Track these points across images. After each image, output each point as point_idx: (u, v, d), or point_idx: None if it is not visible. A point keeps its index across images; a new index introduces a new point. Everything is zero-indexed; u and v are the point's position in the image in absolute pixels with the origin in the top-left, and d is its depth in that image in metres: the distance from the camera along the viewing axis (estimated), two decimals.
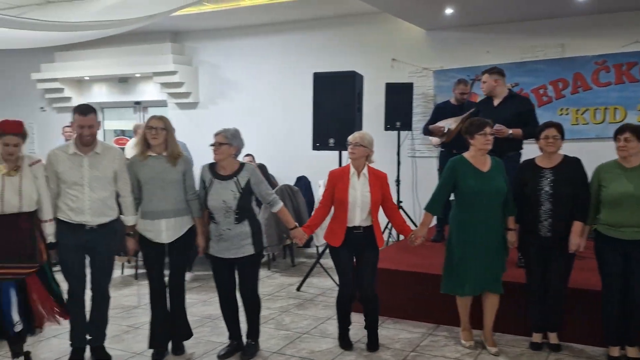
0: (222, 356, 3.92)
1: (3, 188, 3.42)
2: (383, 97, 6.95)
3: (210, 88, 8.92)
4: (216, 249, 3.81)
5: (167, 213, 3.78)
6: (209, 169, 3.83)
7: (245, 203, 3.75)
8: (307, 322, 4.68)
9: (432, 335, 4.35)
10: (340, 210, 3.93)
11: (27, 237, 3.49)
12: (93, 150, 3.66)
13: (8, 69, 10.40)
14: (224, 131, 3.75)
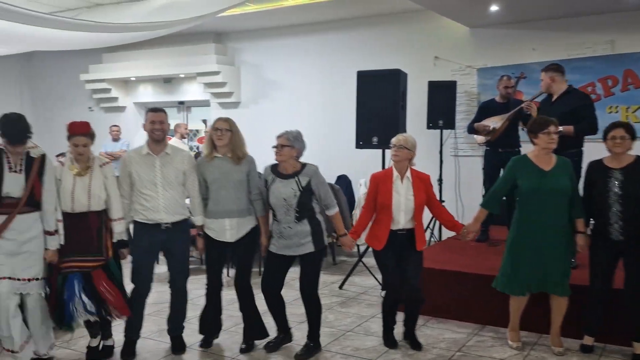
0: (269, 348, 3.99)
1: (74, 187, 3.58)
2: (425, 95, 6.90)
3: (252, 88, 9.03)
4: (277, 247, 3.85)
5: (231, 212, 3.86)
6: (271, 168, 3.89)
7: (306, 201, 3.79)
8: (350, 320, 4.69)
9: (478, 336, 4.30)
10: (383, 213, 3.91)
11: (94, 234, 3.64)
12: (164, 150, 3.82)
13: (59, 71, 10.77)
14: (287, 133, 3.81)
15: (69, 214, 3.60)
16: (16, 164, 3.45)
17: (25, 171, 3.46)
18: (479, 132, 5.76)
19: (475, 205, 5.84)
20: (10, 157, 3.45)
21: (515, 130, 5.70)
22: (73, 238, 3.60)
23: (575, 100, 4.70)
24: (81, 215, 3.61)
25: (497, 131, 5.60)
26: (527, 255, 3.81)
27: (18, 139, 3.42)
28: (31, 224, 3.49)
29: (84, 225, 3.63)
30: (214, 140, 3.86)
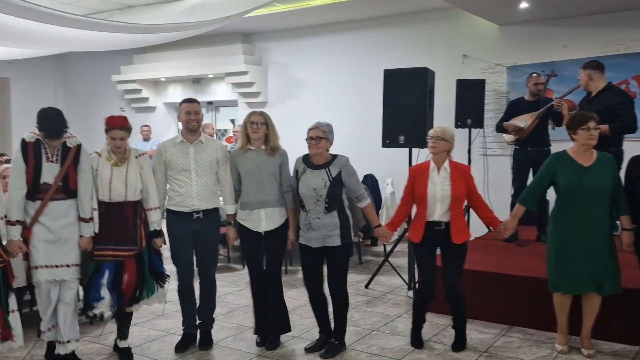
0: (309, 349, 3.98)
1: (111, 178, 3.69)
2: (453, 94, 6.83)
3: (279, 87, 9.08)
4: (305, 238, 3.86)
5: (265, 203, 3.90)
6: (302, 159, 3.91)
7: (335, 193, 3.78)
8: (376, 319, 4.67)
9: (505, 337, 4.24)
10: (420, 206, 3.89)
11: (130, 224, 3.74)
12: (198, 139, 3.91)
13: (91, 72, 11.03)
14: (321, 125, 3.81)
15: (106, 204, 3.72)
16: (53, 154, 3.58)
17: (61, 160, 3.58)
18: (508, 131, 5.68)
19: (504, 205, 5.79)
20: (48, 148, 3.57)
21: (545, 129, 5.61)
22: (109, 227, 3.71)
23: (612, 98, 4.59)
24: (118, 204, 3.72)
25: (526, 130, 5.52)
26: (571, 254, 3.71)
27: (55, 133, 3.54)
28: (66, 210, 3.59)
29: (120, 215, 3.73)
30: (249, 134, 3.91)
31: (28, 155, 3.51)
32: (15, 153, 3.56)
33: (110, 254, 3.71)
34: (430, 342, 4.13)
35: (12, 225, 3.46)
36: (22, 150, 3.52)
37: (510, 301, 4.45)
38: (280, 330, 4.11)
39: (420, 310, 4.06)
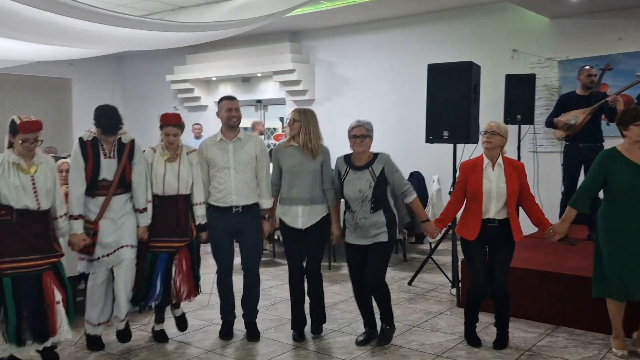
0: (360, 343, 4.00)
1: (165, 172, 3.86)
2: (502, 89, 6.69)
3: (325, 85, 9.14)
4: (352, 237, 3.88)
5: (303, 200, 3.95)
6: (344, 160, 3.92)
7: (381, 192, 3.79)
8: (417, 316, 4.65)
9: (550, 336, 4.13)
10: (474, 202, 3.80)
11: (182, 217, 3.92)
12: (237, 136, 4.00)
13: (147, 72, 11.43)
14: (363, 123, 3.82)
15: (160, 197, 3.89)
16: (110, 150, 3.76)
17: (117, 156, 3.77)
18: (558, 127, 5.51)
19: (554, 203, 5.64)
20: (105, 144, 3.75)
21: (597, 125, 5.41)
22: (162, 219, 3.88)
23: None
24: (171, 198, 3.89)
25: (577, 125, 5.34)
26: (619, 256, 3.54)
27: (111, 130, 3.72)
28: (123, 203, 3.80)
29: (173, 208, 3.90)
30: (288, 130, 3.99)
31: (87, 152, 3.70)
32: (74, 151, 3.74)
33: (165, 245, 3.89)
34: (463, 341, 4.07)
35: (75, 219, 3.67)
36: (80, 148, 3.71)
37: (558, 300, 4.33)
38: (319, 322, 4.18)
39: (473, 309, 3.98)
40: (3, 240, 3.35)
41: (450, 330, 4.28)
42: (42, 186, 3.46)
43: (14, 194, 3.35)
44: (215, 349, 3.96)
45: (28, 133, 3.38)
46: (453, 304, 4.92)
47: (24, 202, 3.38)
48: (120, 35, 5.93)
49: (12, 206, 3.36)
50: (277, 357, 3.82)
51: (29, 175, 3.42)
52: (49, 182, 3.51)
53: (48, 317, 3.44)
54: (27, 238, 3.40)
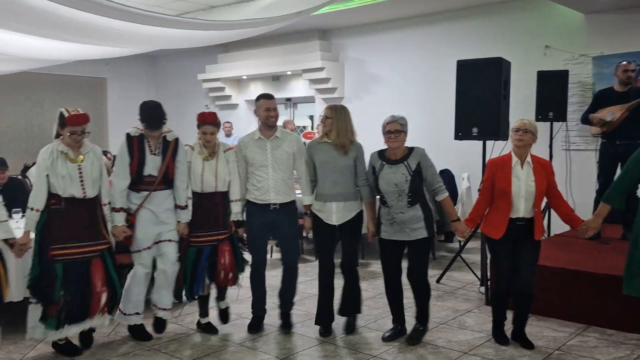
0: (386, 339, 4.00)
1: (203, 170, 3.96)
2: (534, 86, 6.59)
3: (355, 83, 9.15)
4: (388, 233, 3.87)
5: (337, 196, 3.96)
6: (378, 155, 3.91)
7: (417, 186, 3.78)
8: (445, 313, 4.63)
9: (581, 336, 4.06)
10: (501, 201, 3.74)
11: (220, 213, 4.03)
12: (274, 134, 4.05)
13: (180, 71, 11.63)
14: (397, 118, 3.82)
15: (198, 194, 4.00)
16: (155, 147, 3.88)
17: (162, 153, 3.89)
18: (593, 123, 5.40)
19: (587, 203, 5.54)
20: (150, 141, 3.88)
21: (636, 122, 5.27)
22: (202, 215, 3.99)
23: None
24: (209, 195, 4.00)
25: (614, 122, 5.23)
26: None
27: (156, 124, 3.84)
28: (165, 199, 3.91)
29: (212, 204, 4.01)
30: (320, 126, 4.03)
31: (133, 148, 3.83)
32: (121, 146, 3.87)
33: (207, 239, 4.01)
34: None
35: (116, 212, 3.80)
36: (127, 144, 3.84)
37: (589, 299, 4.26)
38: (354, 311, 4.21)
39: (500, 307, 3.94)
40: (54, 227, 3.54)
41: (478, 328, 4.25)
42: (89, 175, 3.62)
43: (61, 183, 3.53)
44: (244, 342, 4.03)
45: (76, 126, 3.55)
46: (481, 302, 4.88)
47: (70, 191, 3.56)
48: (154, 34, 6.06)
49: (60, 195, 3.54)
50: (305, 351, 3.86)
51: (76, 164, 3.59)
52: (95, 171, 3.67)
53: (90, 302, 3.60)
54: (76, 225, 3.58)
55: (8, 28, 5.57)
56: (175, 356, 3.78)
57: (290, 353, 3.83)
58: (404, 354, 3.78)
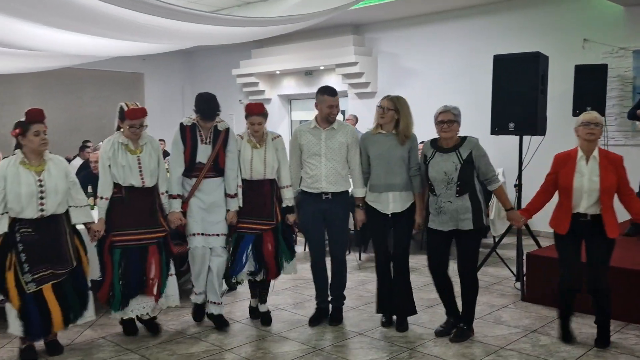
0: (439, 333, 4.00)
1: (252, 158, 4.06)
2: (571, 80, 6.50)
3: (388, 77, 9.14)
4: (435, 222, 3.85)
5: (393, 187, 3.98)
6: (431, 144, 3.90)
7: (467, 176, 3.74)
8: (480, 308, 4.62)
9: (620, 333, 4.02)
10: (564, 196, 3.70)
11: (268, 200, 4.12)
12: (330, 125, 4.09)
13: (214, 67, 11.78)
14: (450, 108, 3.80)
15: (247, 181, 4.11)
16: (206, 136, 4.02)
17: (212, 142, 4.01)
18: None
19: None
20: (202, 131, 4.01)
21: None
22: (250, 203, 4.10)
23: None
24: (258, 182, 4.10)
25: None
26: None
27: (210, 115, 3.97)
28: (215, 187, 4.04)
29: (260, 192, 4.10)
30: (377, 117, 4.01)
31: (185, 137, 3.99)
32: (175, 135, 4.03)
33: (251, 227, 4.09)
34: (536, 333, 4.04)
35: (173, 198, 3.98)
36: (180, 133, 4.01)
37: (630, 297, 4.20)
38: (407, 312, 4.15)
39: (567, 305, 3.86)
40: (115, 215, 3.77)
41: (514, 324, 4.25)
42: (147, 166, 3.82)
43: (122, 173, 3.75)
44: (281, 332, 4.12)
45: (134, 119, 3.75)
46: (517, 298, 4.87)
47: (130, 181, 3.77)
48: (191, 30, 6.19)
49: (121, 184, 3.75)
50: (343, 342, 3.93)
51: (136, 155, 3.79)
52: (153, 162, 3.86)
53: (147, 286, 3.80)
54: (135, 213, 3.79)
55: (53, 25, 5.77)
56: (215, 344, 3.89)
57: (327, 344, 3.90)
58: (440, 347, 3.81)
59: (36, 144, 3.49)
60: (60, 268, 3.54)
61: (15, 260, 3.45)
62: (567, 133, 6.98)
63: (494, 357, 3.64)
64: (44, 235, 3.51)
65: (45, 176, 3.51)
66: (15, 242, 3.46)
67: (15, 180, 3.44)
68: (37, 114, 3.53)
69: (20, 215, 3.46)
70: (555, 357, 3.63)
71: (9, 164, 3.49)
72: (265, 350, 3.81)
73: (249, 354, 3.72)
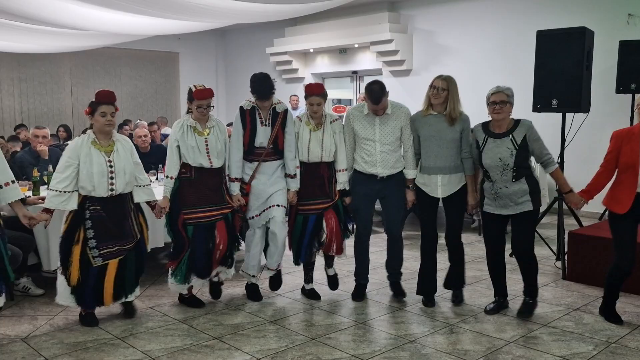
0: (489, 311, 3.99)
1: (309, 140, 4.11)
2: (615, 57, 6.33)
3: (423, 55, 9.04)
4: (492, 207, 3.81)
5: (443, 169, 3.94)
6: (482, 127, 3.82)
7: (523, 160, 3.68)
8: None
9: None
10: (627, 174, 3.59)
11: (326, 182, 4.18)
12: (385, 112, 4.05)
13: (247, 45, 11.82)
14: (503, 89, 3.70)
15: (305, 164, 4.16)
16: (265, 118, 4.07)
17: (272, 124, 4.06)
18: None
19: None
20: (261, 112, 4.07)
21: None
22: (308, 185, 4.15)
23: None
24: (315, 165, 4.14)
25: None
26: None
27: (266, 94, 4.00)
28: (275, 168, 4.12)
29: (317, 174, 4.14)
30: (430, 99, 3.92)
31: (245, 120, 4.05)
32: (235, 119, 4.09)
33: (312, 208, 4.15)
34: (579, 311, 4.03)
35: (232, 181, 4.08)
36: (240, 116, 4.07)
37: None
38: (461, 285, 4.23)
39: (614, 286, 3.80)
40: (185, 194, 3.92)
41: (556, 302, 4.24)
42: (214, 147, 3.94)
43: (191, 154, 3.88)
44: (322, 306, 4.19)
45: (202, 100, 3.87)
46: (558, 277, 4.84)
47: (199, 161, 3.90)
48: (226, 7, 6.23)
49: (190, 164, 3.89)
50: (380, 318, 3.98)
51: (203, 137, 3.91)
52: (220, 143, 3.98)
53: (213, 259, 3.98)
54: (204, 192, 3.93)
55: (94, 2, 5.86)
56: (258, 316, 3.99)
57: (368, 318, 3.96)
58: (482, 324, 3.83)
59: (101, 124, 3.63)
60: (125, 244, 3.72)
61: (83, 235, 3.62)
62: (611, 110, 6.90)
63: (536, 334, 3.65)
64: (111, 213, 3.66)
65: (114, 157, 3.66)
66: (85, 219, 3.62)
67: (87, 159, 3.58)
68: (106, 95, 3.66)
69: (91, 194, 3.60)
70: (600, 335, 3.62)
71: (82, 143, 3.62)
72: (307, 322, 3.89)
73: (292, 326, 3.81)
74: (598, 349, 3.40)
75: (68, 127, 9.32)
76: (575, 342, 3.50)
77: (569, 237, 4.79)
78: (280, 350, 3.41)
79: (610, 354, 3.34)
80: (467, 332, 3.69)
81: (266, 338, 3.60)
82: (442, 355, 3.35)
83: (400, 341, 3.55)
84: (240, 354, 3.35)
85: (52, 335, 3.63)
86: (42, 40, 8.65)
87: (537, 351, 3.39)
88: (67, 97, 11.21)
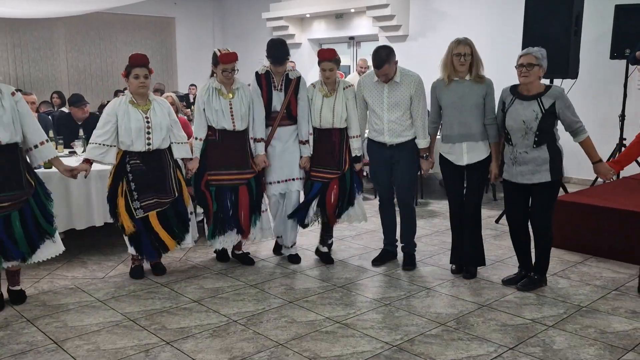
0: (506, 282, 3.94)
1: (322, 106, 4.15)
2: (610, 22, 6.22)
3: (420, 20, 8.92)
4: (510, 173, 3.72)
5: (467, 137, 3.84)
6: (510, 90, 3.72)
7: (548, 126, 3.54)
8: (502, 252, 4.68)
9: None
10: None
11: (337, 148, 4.22)
12: (393, 79, 4.01)
13: (244, 11, 11.69)
14: (533, 51, 3.57)
15: (317, 129, 4.22)
16: (279, 83, 4.11)
17: (285, 90, 4.11)
18: None
19: None
20: (275, 78, 4.12)
21: None
22: (319, 151, 4.22)
23: None
24: (326, 131, 4.18)
25: None
26: None
27: (280, 60, 4.03)
28: (289, 134, 4.20)
29: (329, 140, 4.20)
30: (455, 65, 3.80)
31: (261, 84, 4.12)
32: (252, 82, 4.16)
33: (319, 176, 4.25)
34: (555, 276, 4.08)
35: (257, 142, 4.16)
36: (257, 80, 4.14)
37: None
38: (475, 263, 4.11)
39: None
40: (210, 156, 4.08)
41: None
42: (238, 110, 4.04)
43: (215, 117, 4.01)
44: (305, 271, 4.27)
45: (227, 63, 3.95)
46: None
47: (222, 124, 4.03)
48: None
49: (214, 127, 4.02)
50: (359, 282, 4.05)
51: (228, 100, 4.01)
52: (244, 106, 4.07)
53: (239, 221, 4.16)
54: (228, 155, 4.09)
55: None
56: (240, 280, 4.07)
57: (347, 283, 4.03)
58: (458, 288, 3.90)
59: (135, 86, 3.82)
60: (164, 197, 3.93)
61: (126, 188, 3.86)
62: (602, 77, 6.81)
63: (510, 297, 3.71)
64: (150, 167, 3.88)
65: (151, 114, 3.85)
66: (126, 172, 3.86)
67: (125, 116, 3.79)
68: (138, 58, 3.86)
69: (130, 149, 3.83)
70: (573, 299, 3.68)
71: (120, 102, 3.85)
72: (287, 286, 3.97)
73: (272, 290, 3.89)
74: (568, 313, 3.46)
75: (62, 93, 9.33)
76: (548, 307, 3.56)
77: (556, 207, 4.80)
78: (257, 312, 3.50)
79: (580, 317, 3.40)
80: (442, 296, 3.76)
81: (244, 301, 3.68)
82: (414, 317, 3.42)
83: (375, 304, 3.62)
84: (217, 316, 3.44)
85: (36, 298, 3.73)
86: (35, 5, 8.58)
87: (508, 314, 3.45)
88: (62, 63, 11.19)
